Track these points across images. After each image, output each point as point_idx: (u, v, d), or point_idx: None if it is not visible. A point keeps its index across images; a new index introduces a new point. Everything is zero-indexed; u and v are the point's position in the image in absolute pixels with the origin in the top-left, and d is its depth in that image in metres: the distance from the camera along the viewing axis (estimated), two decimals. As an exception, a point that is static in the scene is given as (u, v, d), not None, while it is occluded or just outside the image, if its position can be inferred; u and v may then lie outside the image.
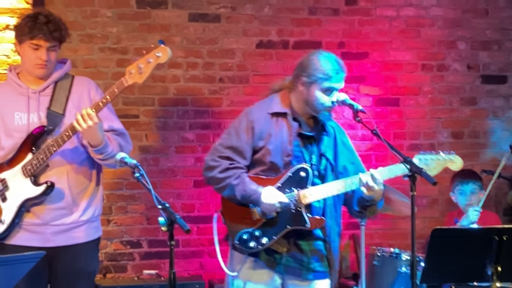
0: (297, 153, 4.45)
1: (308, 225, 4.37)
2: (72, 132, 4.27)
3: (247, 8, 6.60)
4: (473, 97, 7.02)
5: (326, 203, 4.46)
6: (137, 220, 6.39)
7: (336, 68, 4.40)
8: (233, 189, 4.40)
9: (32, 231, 4.41)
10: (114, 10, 6.32)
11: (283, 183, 4.39)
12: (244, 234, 4.41)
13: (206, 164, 4.52)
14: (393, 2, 6.87)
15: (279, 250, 4.40)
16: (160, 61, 4.25)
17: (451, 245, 4.39)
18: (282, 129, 4.44)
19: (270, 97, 4.60)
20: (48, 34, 4.34)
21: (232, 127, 4.55)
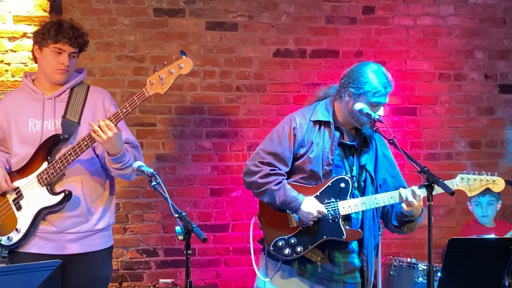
0: (338, 163, 4.42)
1: (344, 236, 4.35)
2: (91, 142, 4.27)
3: (264, 16, 6.61)
4: (490, 107, 7.00)
5: (365, 215, 4.43)
6: (154, 229, 6.39)
7: (385, 82, 4.37)
8: (273, 195, 4.38)
9: (47, 238, 4.40)
10: (131, 18, 6.34)
11: (322, 193, 4.37)
12: (279, 241, 4.39)
13: (247, 168, 4.50)
14: (410, 11, 6.86)
15: (313, 259, 4.38)
16: (182, 72, 4.26)
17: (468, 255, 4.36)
18: (324, 137, 4.41)
19: (314, 104, 4.56)
20: (73, 39, 4.38)
21: (275, 133, 4.52)
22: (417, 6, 6.87)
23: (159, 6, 6.39)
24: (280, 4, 6.62)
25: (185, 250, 3.67)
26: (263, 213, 4.51)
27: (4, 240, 4.40)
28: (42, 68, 4.48)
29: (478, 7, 6.97)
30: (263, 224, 4.49)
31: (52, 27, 4.38)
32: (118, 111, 4.30)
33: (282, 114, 6.47)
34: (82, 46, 4.48)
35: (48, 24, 4.43)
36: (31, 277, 3.63)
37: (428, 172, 4.09)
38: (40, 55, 4.44)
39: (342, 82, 4.45)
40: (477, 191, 4.33)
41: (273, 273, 4.45)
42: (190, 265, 3.69)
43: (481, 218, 6.11)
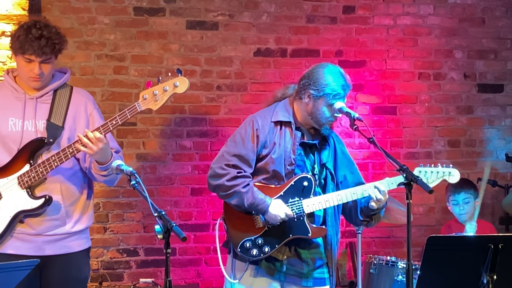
0: (299, 162, 4.48)
1: (310, 234, 4.41)
2: (77, 150, 4.24)
3: (245, 16, 6.61)
4: (469, 106, 7.04)
5: (327, 212, 4.50)
6: (134, 228, 6.38)
7: (344, 84, 4.43)
8: (241, 197, 4.40)
9: (24, 239, 4.36)
10: (111, 17, 6.33)
11: (285, 192, 4.42)
12: (246, 242, 4.43)
13: (213, 171, 4.51)
14: (390, 11, 6.88)
15: (279, 257, 4.42)
16: (177, 91, 4.24)
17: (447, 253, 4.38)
18: (285, 137, 4.47)
19: (274, 105, 4.62)
20: (38, 49, 4.25)
21: (238, 135, 4.55)
22: (397, 5, 6.90)
23: (139, 5, 6.38)
24: (260, 3, 6.63)
25: (165, 249, 3.67)
26: (228, 215, 4.54)
27: None
28: (18, 72, 4.43)
29: (457, 7, 7.01)
30: (228, 226, 4.52)
31: (20, 36, 4.26)
32: (107, 122, 4.25)
33: (263, 113, 6.49)
34: (55, 52, 4.36)
35: (18, 31, 4.31)
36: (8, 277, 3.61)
37: (407, 170, 4.11)
38: (15, 59, 4.39)
39: (302, 83, 4.51)
40: (434, 183, 4.39)
41: (241, 274, 4.49)
42: (169, 264, 3.68)
43: (459, 217, 6.14)
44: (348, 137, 6.68)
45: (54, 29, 4.35)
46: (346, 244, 6.69)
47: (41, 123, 4.38)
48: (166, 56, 6.43)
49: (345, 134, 6.66)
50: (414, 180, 4.05)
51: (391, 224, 6.42)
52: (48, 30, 4.31)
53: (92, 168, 4.40)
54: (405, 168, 4.14)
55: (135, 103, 4.26)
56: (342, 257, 6.69)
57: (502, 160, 6.94)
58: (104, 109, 6.06)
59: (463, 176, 6.60)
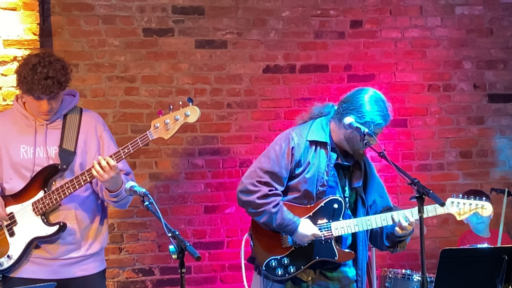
0: (331, 183, 4.45)
1: (337, 257, 4.39)
2: (90, 178, 4.26)
3: (253, 33, 6.64)
4: (480, 116, 7.04)
5: (358, 236, 4.49)
6: (149, 248, 6.40)
7: (385, 114, 4.41)
8: (271, 217, 4.37)
9: (40, 264, 4.40)
10: (121, 39, 6.37)
11: (315, 213, 4.40)
12: (272, 261, 4.40)
13: (244, 187, 4.46)
14: (397, 24, 6.90)
15: (304, 278, 4.40)
16: (188, 121, 4.26)
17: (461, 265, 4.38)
18: (320, 158, 4.43)
19: (310, 122, 4.57)
20: (46, 90, 4.24)
21: (272, 151, 4.49)
22: (404, 18, 6.92)
23: (148, 26, 6.42)
24: (268, 21, 6.66)
25: (180, 268, 3.68)
26: (256, 232, 4.51)
27: None
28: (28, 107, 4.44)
29: (464, 18, 7.02)
30: (255, 243, 4.49)
31: (26, 78, 4.23)
32: (119, 151, 4.28)
33: (274, 129, 6.51)
34: (62, 88, 4.34)
35: (23, 71, 4.26)
36: (26, 300, 3.64)
37: (419, 184, 4.11)
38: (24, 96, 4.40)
39: (344, 107, 4.43)
40: (466, 215, 4.44)
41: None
42: (185, 283, 3.70)
43: (476, 226, 6.13)
44: (360, 151, 6.70)
45: (58, 65, 4.31)
46: (361, 258, 6.68)
47: (52, 149, 4.40)
48: (176, 75, 6.47)
49: (357, 148, 6.68)
50: (426, 194, 4.05)
51: (405, 237, 6.41)
52: (53, 68, 4.27)
53: (104, 194, 4.42)
54: (417, 181, 4.14)
55: (147, 132, 4.27)
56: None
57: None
58: (116, 130, 6.12)
59: (476, 186, 6.67)
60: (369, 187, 4.56)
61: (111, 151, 4.34)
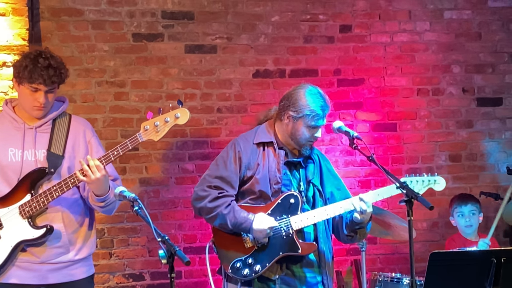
0: (285, 182, 4.55)
1: (300, 250, 4.45)
2: (77, 180, 4.28)
3: (242, 38, 6.66)
4: (469, 120, 7.06)
5: (318, 229, 4.55)
6: (139, 253, 6.40)
7: (322, 105, 4.51)
8: (224, 218, 4.46)
9: (28, 268, 4.39)
10: (110, 44, 6.37)
11: (272, 210, 4.48)
12: (237, 262, 4.47)
13: (195, 194, 4.60)
14: (387, 28, 6.93)
15: (271, 276, 4.45)
16: (178, 122, 4.31)
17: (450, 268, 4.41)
18: (269, 158, 4.54)
19: (255, 128, 4.73)
20: (47, 79, 4.32)
21: (220, 158, 4.65)
22: (393, 23, 6.94)
23: (138, 31, 6.43)
24: (258, 25, 6.68)
25: (169, 273, 3.70)
26: (217, 237, 4.60)
27: None
28: (20, 101, 4.47)
29: (453, 22, 7.05)
30: (218, 248, 4.57)
31: (27, 66, 4.31)
32: (109, 153, 4.31)
33: (264, 134, 6.52)
34: (60, 82, 4.44)
35: (25, 61, 4.36)
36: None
37: (407, 187, 4.15)
38: (18, 89, 4.43)
39: (282, 105, 4.61)
40: (420, 192, 4.41)
41: None
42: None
43: (464, 229, 6.16)
44: (349, 155, 6.72)
45: (59, 59, 4.43)
46: (351, 262, 6.70)
47: (41, 153, 4.42)
48: (166, 80, 6.47)
49: (346, 152, 6.70)
50: (414, 197, 4.09)
51: (395, 241, 6.44)
52: (54, 60, 4.39)
53: (90, 199, 4.42)
54: (405, 185, 4.17)
55: (137, 134, 4.30)
56: (347, 275, 6.70)
57: (503, 173, 6.95)
58: (106, 135, 6.13)
59: (465, 190, 6.70)
60: (325, 180, 4.65)
61: (100, 156, 4.34)
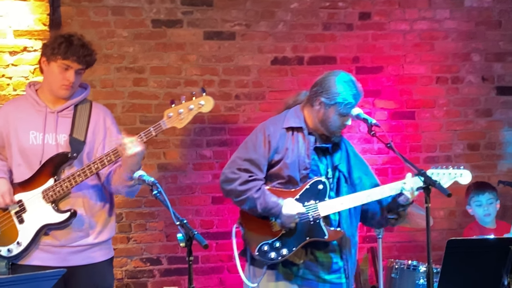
0: (313, 167, 4.53)
1: (326, 236, 4.46)
2: (102, 165, 4.31)
3: (261, 25, 6.66)
4: (488, 109, 7.04)
5: (341, 215, 4.54)
6: (157, 237, 6.43)
7: (355, 94, 4.48)
8: (254, 202, 4.46)
9: (49, 251, 4.44)
10: (130, 30, 6.39)
11: (301, 196, 4.47)
12: (264, 245, 4.47)
13: (225, 176, 4.58)
14: (406, 16, 6.90)
15: (296, 261, 4.46)
16: (202, 110, 4.31)
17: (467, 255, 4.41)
18: (298, 143, 4.52)
19: (284, 112, 4.68)
20: (81, 57, 4.41)
21: (249, 141, 4.63)
22: (413, 10, 6.92)
23: (157, 17, 6.44)
24: (276, 13, 6.67)
25: (187, 256, 3.73)
26: (245, 220, 4.60)
27: (4, 251, 4.43)
28: (47, 81, 4.50)
29: (473, 10, 7.02)
30: (245, 230, 4.57)
31: (63, 43, 4.40)
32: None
33: (282, 121, 6.53)
34: (90, 64, 4.53)
35: (60, 39, 4.45)
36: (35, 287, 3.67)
37: (425, 174, 4.15)
38: (47, 68, 4.46)
39: (314, 90, 4.56)
40: (446, 185, 4.40)
41: (259, 279, 4.53)
42: (192, 272, 3.74)
43: (483, 218, 6.15)
44: (367, 143, 6.71)
45: (90, 43, 4.54)
46: (368, 249, 6.71)
47: (61, 137, 4.45)
48: (184, 67, 6.49)
49: (364, 139, 6.69)
50: (432, 184, 4.08)
51: (412, 229, 6.43)
52: (87, 42, 4.50)
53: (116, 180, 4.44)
54: (423, 172, 4.17)
55: (160, 121, 4.31)
56: (363, 262, 6.70)
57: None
58: (124, 121, 6.16)
59: (483, 179, 6.68)
60: (353, 166, 4.63)
61: None
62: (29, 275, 3.78)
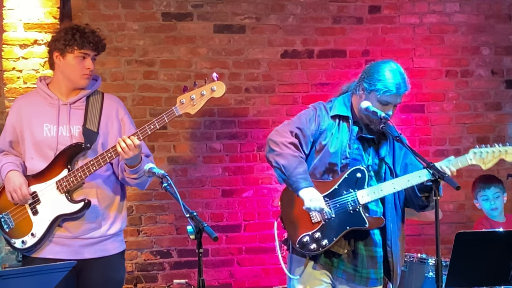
0: (356, 156, 4.46)
1: (367, 224, 4.38)
2: (115, 154, 4.33)
3: (271, 18, 6.67)
4: (497, 102, 7.04)
5: (386, 206, 4.47)
6: (167, 230, 6.46)
7: (398, 83, 4.36)
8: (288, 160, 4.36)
9: (61, 243, 4.45)
10: (140, 23, 6.42)
11: (339, 185, 4.41)
12: (304, 237, 4.41)
13: (276, 132, 4.49)
14: (416, 9, 6.90)
15: (339, 251, 4.41)
16: (214, 95, 4.31)
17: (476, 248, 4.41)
18: (342, 132, 4.46)
19: (333, 99, 4.61)
20: (98, 42, 4.47)
21: (301, 115, 4.55)
22: (423, 4, 6.92)
23: (167, 10, 6.46)
24: (286, 6, 6.68)
25: (197, 249, 3.73)
26: (285, 213, 4.53)
27: (18, 243, 4.45)
28: (65, 74, 4.50)
29: (483, 4, 7.01)
30: (286, 223, 4.51)
31: (76, 33, 4.44)
32: (145, 127, 4.34)
33: (291, 114, 6.51)
34: (103, 49, 4.57)
35: (70, 30, 4.47)
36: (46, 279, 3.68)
37: (434, 167, 4.13)
38: (63, 61, 4.48)
39: (360, 77, 4.48)
40: (490, 164, 4.34)
41: (300, 270, 4.48)
42: (202, 264, 3.75)
43: (490, 212, 6.14)
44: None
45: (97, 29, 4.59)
46: (377, 242, 6.71)
47: (75, 129, 4.47)
48: (194, 60, 6.51)
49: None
50: (441, 177, 4.06)
51: (421, 222, 6.43)
52: (95, 30, 4.54)
53: (123, 172, 4.48)
54: (432, 165, 4.15)
55: (173, 108, 4.32)
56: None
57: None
58: (135, 114, 6.16)
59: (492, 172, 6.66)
60: (397, 157, 4.53)
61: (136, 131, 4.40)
62: (40, 266, 3.79)
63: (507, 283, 4.55)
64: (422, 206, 4.54)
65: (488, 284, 4.95)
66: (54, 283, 3.74)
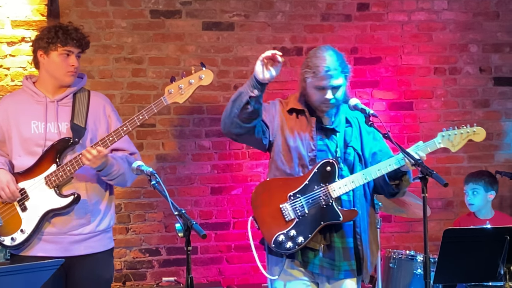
0: (321, 147, 4.45)
1: (341, 218, 4.37)
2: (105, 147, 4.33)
3: (260, 15, 6.67)
4: (485, 99, 7.06)
5: (355, 194, 4.46)
6: (156, 228, 6.46)
7: (326, 65, 4.35)
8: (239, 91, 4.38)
9: (50, 241, 4.44)
10: (128, 20, 6.41)
11: (310, 180, 4.39)
12: (279, 236, 4.39)
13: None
14: (404, 7, 6.92)
15: (316, 247, 4.40)
16: (202, 83, 4.32)
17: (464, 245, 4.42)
18: (302, 125, 4.47)
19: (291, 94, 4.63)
20: (80, 40, 4.48)
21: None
22: (411, 1, 6.93)
23: (156, 7, 6.45)
24: (275, 3, 6.68)
25: (186, 246, 3.73)
26: (257, 213, 4.49)
27: (7, 240, 4.44)
28: (49, 72, 4.51)
29: (471, 1, 7.03)
30: (259, 223, 4.48)
31: (59, 31, 4.46)
32: (134, 117, 4.35)
33: (280, 111, 6.54)
34: (87, 46, 4.59)
35: (53, 28, 4.49)
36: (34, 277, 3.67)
37: (422, 164, 4.14)
38: (47, 59, 4.49)
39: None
40: (459, 146, 4.39)
41: (278, 269, 4.47)
42: (190, 262, 3.75)
43: (469, 207, 6.16)
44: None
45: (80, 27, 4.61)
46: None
47: (63, 125, 4.48)
48: (183, 57, 6.50)
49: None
50: (429, 174, 4.07)
51: (410, 219, 6.46)
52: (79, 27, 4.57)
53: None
54: (420, 162, 4.16)
55: (161, 98, 4.34)
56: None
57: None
58: (123, 111, 6.17)
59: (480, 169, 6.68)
60: (365, 143, 4.53)
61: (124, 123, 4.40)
62: (27, 265, 3.78)
63: (495, 279, 4.57)
64: (392, 193, 4.54)
65: (476, 280, 4.99)
66: (42, 281, 3.74)
